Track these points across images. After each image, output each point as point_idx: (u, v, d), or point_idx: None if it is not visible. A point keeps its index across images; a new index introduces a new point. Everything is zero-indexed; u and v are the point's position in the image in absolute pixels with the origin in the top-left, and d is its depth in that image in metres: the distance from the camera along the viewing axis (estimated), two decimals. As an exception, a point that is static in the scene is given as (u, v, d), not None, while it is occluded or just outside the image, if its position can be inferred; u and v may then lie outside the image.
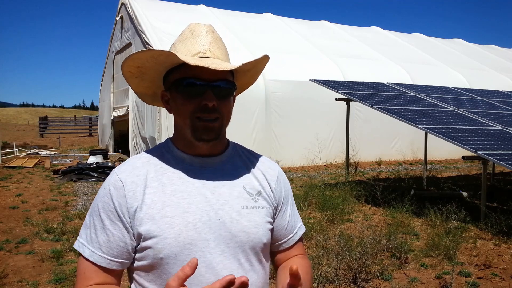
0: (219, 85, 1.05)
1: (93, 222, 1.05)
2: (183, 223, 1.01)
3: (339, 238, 4.28)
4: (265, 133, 10.72)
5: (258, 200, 1.12)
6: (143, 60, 1.08)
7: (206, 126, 1.05)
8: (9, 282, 3.74)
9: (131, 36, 12.46)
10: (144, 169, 1.07)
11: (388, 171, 10.77)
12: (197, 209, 1.04)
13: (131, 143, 12.61)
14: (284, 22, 15.43)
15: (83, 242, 1.05)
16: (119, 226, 1.02)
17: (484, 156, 5.25)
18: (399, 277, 3.88)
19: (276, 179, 1.20)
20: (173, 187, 1.05)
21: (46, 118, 28.75)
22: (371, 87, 8.35)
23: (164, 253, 1.00)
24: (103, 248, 1.03)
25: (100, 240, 1.03)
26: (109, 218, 1.03)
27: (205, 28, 1.10)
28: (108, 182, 1.07)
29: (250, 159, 1.20)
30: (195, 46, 1.07)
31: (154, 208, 1.02)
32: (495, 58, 18.56)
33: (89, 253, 1.03)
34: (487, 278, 3.88)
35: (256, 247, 1.09)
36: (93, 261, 1.02)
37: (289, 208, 1.22)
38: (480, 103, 8.52)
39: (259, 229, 1.09)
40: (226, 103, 1.08)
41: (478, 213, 5.66)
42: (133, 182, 1.04)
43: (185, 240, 1.01)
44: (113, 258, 1.03)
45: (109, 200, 1.04)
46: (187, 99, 1.05)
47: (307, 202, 6.38)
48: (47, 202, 6.95)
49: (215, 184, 1.08)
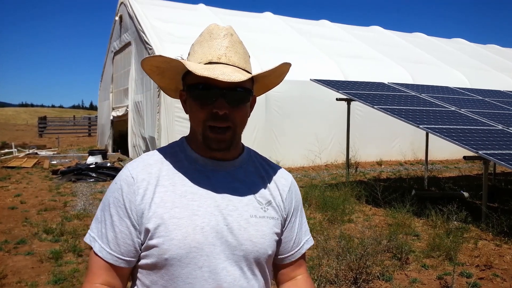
0: (232, 92, 1.02)
1: (104, 216, 1.05)
2: (191, 226, 1.00)
3: (339, 238, 4.26)
4: (265, 133, 10.70)
5: (267, 210, 1.10)
6: (158, 62, 1.08)
7: (216, 138, 1.03)
8: (8, 282, 3.71)
9: (131, 36, 12.44)
10: (156, 167, 1.06)
11: (389, 171, 10.74)
12: (206, 213, 1.03)
13: (130, 143, 12.59)
14: (284, 22, 15.41)
15: (94, 236, 1.05)
16: (126, 223, 1.02)
17: (485, 156, 5.22)
18: (400, 278, 3.86)
19: (288, 189, 1.17)
20: (184, 188, 1.04)
21: (45, 118, 28.77)
22: (372, 87, 8.33)
23: (169, 254, 0.99)
24: (111, 244, 1.02)
25: (109, 236, 1.03)
26: (118, 214, 1.02)
27: (223, 30, 1.07)
28: (120, 177, 1.06)
29: (264, 167, 1.18)
30: (211, 50, 1.05)
31: (164, 208, 1.01)
32: (496, 58, 18.54)
33: (99, 248, 1.03)
34: (488, 278, 3.86)
35: (261, 257, 1.07)
36: (102, 257, 1.02)
37: (297, 220, 1.19)
38: (481, 103, 8.50)
39: (265, 240, 1.07)
40: (239, 111, 1.05)
41: (479, 214, 5.64)
42: (144, 179, 1.04)
43: (192, 243, 0.99)
44: (120, 256, 1.02)
45: (119, 196, 1.03)
46: (198, 105, 1.04)
47: (307, 203, 6.36)
48: (46, 203, 6.92)
49: (226, 189, 1.07)
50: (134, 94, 12.09)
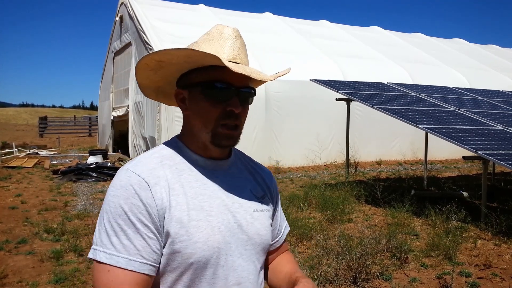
0: (245, 92, 1.05)
1: (120, 227, 0.94)
2: (209, 227, 1.01)
3: (339, 238, 4.27)
4: (265, 133, 10.71)
5: (263, 203, 1.16)
6: (174, 56, 1.02)
7: (228, 134, 1.04)
8: (9, 282, 3.73)
9: (131, 36, 12.45)
10: (161, 170, 1.02)
11: (389, 171, 10.76)
12: (219, 213, 1.04)
13: (130, 143, 12.61)
14: (284, 22, 15.43)
15: (113, 252, 0.93)
16: (151, 229, 0.96)
17: (484, 156, 5.24)
18: (399, 277, 3.88)
19: (271, 181, 1.24)
20: (192, 190, 1.03)
21: (46, 118, 28.78)
22: (371, 87, 8.35)
23: (195, 258, 0.98)
24: (143, 253, 0.94)
25: (137, 245, 0.94)
26: (140, 221, 0.95)
27: (234, 32, 1.07)
28: (129, 182, 0.97)
29: (249, 163, 1.23)
30: (225, 49, 1.04)
31: (181, 211, 0.98)
32: (496, 58, 18.56)
33: (126, 262, 0.93)
34: (487, 278, 3.88)
35: (265, 249, 1.14)
36: (134, 270, 0.93)
37: (279, 208, 1.27)
38: (480, 103, 8.52)
39: (268, 231, 1.14)
40: (246, 110, 1.08)
41: (478, 213, 5.65)
42: (157, 183, 0.98)
43: (214, 244, 1.00)
44: (154, 263, 0.96)
45: (137, 202, 0.95)
46: (212, 103, 1.02)
47: (307, 202, 6.38)
48: (47, 202, 6.94)
49: (228, 187, 1.09)
50: (135, 94, 12.11)
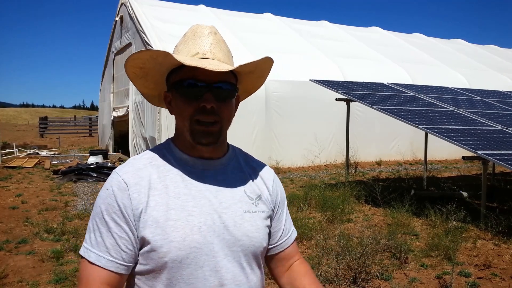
0: (219, 87, 1.04)
1: (97, 225, 1.01)
2: (188, 227, 1.01)
3: (339, 238, 4.28)
4: (265, 133, 10.72)
5: (258, 204, 1.13)
6: (143, 60, 1.07)
7: (204, 130, 1.04)
8: (9, 282, 3.74)
9: (131, 36, 12.46)
10: (147, 170, 1.05)
11: (388, 171, 10.76)
12: (202, 213, 1.03)
13: (131, 143, 12.61)
14: (284, 22, 15.43)
15: (88, 247, 1.01)
16: (124, 229, 1.00)
17: (484, 156, 5.25)
18: (399, 277, 3.89)
19: (273, 182, 1.22)
20: (176, 190, 1.04)
21: (46, 118, 28.75)
22: (371, 87, 8.36)
23: (169, 257, 0.99)
24: (112, 251, 0.99)
25: (107, 243, 0.99)
26: (113, 220, 1.00)
27: (207, 29, 1.09)
28: (111, 183, 1.03)
29: (248, 163, 1.21)
30: (196, 47, 1.06)
31: (159, 211, 1.00)
32: (495, 58, 18.56)
33: (96, 257, 0.99)
34: (487, 278, 3.88)
35: (257, 251, 1.10)
36: (101, 266, 0.99)
37: (285, 211, 1.25)
38: (480, 103, 8.52)
39: (260, 233, 1.10)
40: (226, 106, 1.07)
41: (478, 213, 5.65)
42: (137, 183, 1.02)
43: (191, 244, 1.00)
44: (122, 262, 1.00)
45: (113, 202, 1.00)
46: (186, 101, 1.04)
47: (307, 202, 6.38)
48: (47, 202, 6.95)
49: (217, 187, 1.08)
50: (135, 95, 12.11)
